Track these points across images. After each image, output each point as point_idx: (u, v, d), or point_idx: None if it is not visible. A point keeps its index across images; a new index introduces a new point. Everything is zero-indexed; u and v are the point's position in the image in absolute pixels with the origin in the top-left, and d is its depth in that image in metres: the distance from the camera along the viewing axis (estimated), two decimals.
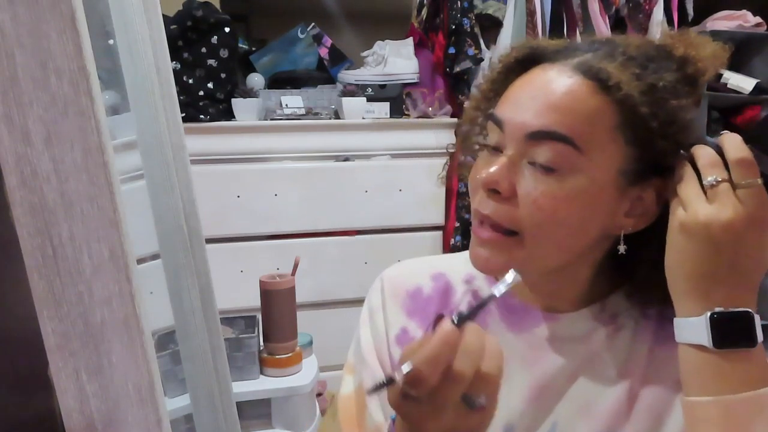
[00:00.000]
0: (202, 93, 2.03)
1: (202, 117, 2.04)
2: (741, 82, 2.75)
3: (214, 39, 2.02)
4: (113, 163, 0.52)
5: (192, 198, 1.21)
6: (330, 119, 2.16)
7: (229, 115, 2.10)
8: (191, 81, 2.02)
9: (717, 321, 0.51)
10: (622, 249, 0.59)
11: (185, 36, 2.00)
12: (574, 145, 0.54)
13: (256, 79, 2.23)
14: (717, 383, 0.52)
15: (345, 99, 2.15)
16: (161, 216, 1.16)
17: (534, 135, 0.56)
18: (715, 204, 0.51)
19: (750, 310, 0.51)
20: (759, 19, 2.76)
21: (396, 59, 2.23)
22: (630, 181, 0.57)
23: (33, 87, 0.48)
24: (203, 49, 2.02)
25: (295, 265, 1.57)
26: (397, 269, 0.77)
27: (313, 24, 2.37)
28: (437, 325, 0.43)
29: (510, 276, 0.46)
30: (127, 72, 1.08)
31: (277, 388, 1.52)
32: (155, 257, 1.24)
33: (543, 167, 0.55)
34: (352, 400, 0.72)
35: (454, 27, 2.28)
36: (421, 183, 2.16)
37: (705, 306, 0.52)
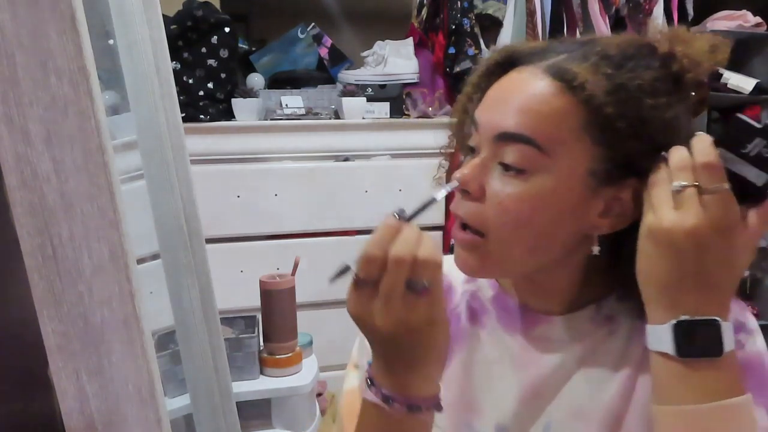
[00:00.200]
0: (202, 93, 2.03)
1: (202, 117, 2.04)
2: (741, 82, 2.74)
3: (214, 39, 2.02)
4: (113, 163, 0.52)
5: (192, 198, 1.21)
6: (330, 119, 2.16)
7: (229, 115, 2.10)
8: (191, 81, 2.02)
9: (681, 329, 0.50)
10: (595, 250, 0.59)
11: (185, 36, 2.00)
12: (538, 147, 0.55)
13: (256, 79, 2.23)
14: (680, 393, 0.51)
15: (345, 99, 2.15)
16: (161, 216, 1.17)
17: (500, 137, 0.57)
18: (681, 210, 0.49)
19: (718, 318, 0.50)
20: (759, 19, 2.76)
21: (396, 59, 2.23)
22: (602, 182, 0.56)
23: (33, 87, 0.48)
24: (203, 49, 2.02)
25: (295, 265, 1.57)
26: None
27: (313, 24, 2.37)
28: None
29: (453, 184, 0.55)
30: (127, 72, 1.08)
31: (277, 388, 1.52)
32: (155, 257, 1.24)
33: (510, 168, 0.56)
34: (355, 394, 0.72)
35: (454, 27, 2.28)
36: (421, 183, 2.16)
37: (671, 314, 0.51)
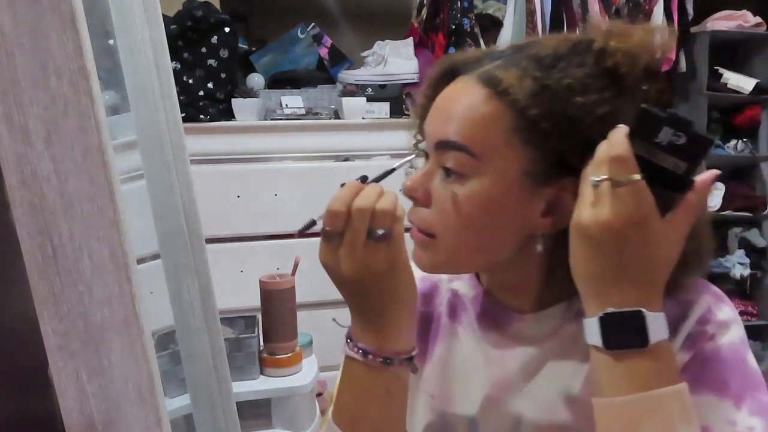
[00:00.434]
0: (202, 93, 2.03)
1: (202, 117, 2.04)
2: (741, 82, 2.75)
3: (214, 39, 2.02)
4: (113, 163, 0.52)
5: (192, 198, 1.21)
6: (330, 119, 2.16)
7: (229, 115, 2.10)
8: (191, 81, 2.02)
9: (607, 322, 0.51)
10: (539, 249, 0.60)
11: (185, 36, 2.00)
12: (470, 153, 0.58)
13: (256, 79, 2.23)
14: (611, 385, 0.52)
15: (345, 99, 2.15)
16: (161, 216, 1.17)
17: (438, 145, 0.60)
18: (597, 204, 0.50)
19: (642, 309, 0.50)
20: (759, 19, 2.76)
21: (396, 59, 2.23)
22: (539, 182, 0.58)
23: (33, 87, 0.48)
24: (203, 49, 2.02)
25: (295, 265, 1.57)
26: None
27: (313, 24, 2.37)
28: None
29: (412, 157, 0.62)
30: (127, 72, 1.08)
31: (277, 388, 1.52)
32: (155, 257, 1.24)
33: (451, 173, 0.59)
34: None
35: (454, 27, 2.28)
36: None
37: (599, 307, 0.52)
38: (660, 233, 0.50)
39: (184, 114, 1.43)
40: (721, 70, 2.79)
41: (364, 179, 0.57)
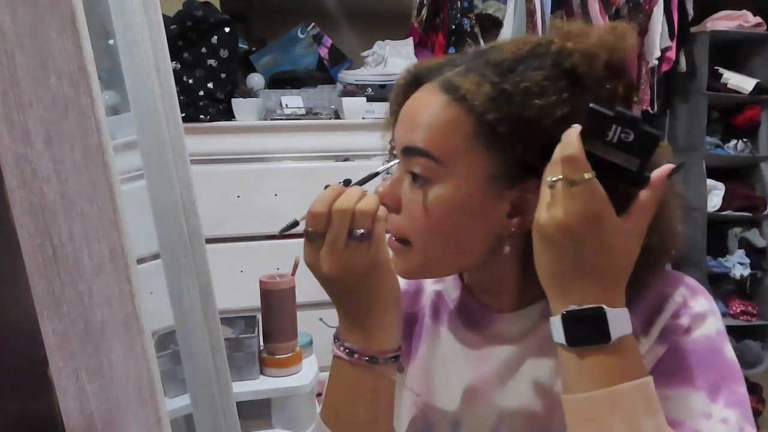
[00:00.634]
0: (202, 93, 2.03)
1: (202, 117, 2.04)
2: (741, 82, 2.75)
3: (214, 39, 2.02)
4: (113, 163, 0.52)
5: (192, 198, 1.21)
6: (330, 119, 2.16)
7: (229, 115, 2.10)
8: (191, 81, 2.02)
9: (569, 319, 0.52)
10: (506, 250, 0.61)
11: (185, 36, 2.00)
12: (432, 158, 0.59)
13: (256, 79, 2.23)
14: (576, 381, 0.52)
15: (345, 99, 2.15)
16: (161, 216, 1.16)
17: (403, 151, 0.62)
18: (553, 204, 0.51)
19: (603, 306, 0.51)
20: (759, 19, 2.76)
21: (396, 59, 2.23)
22: (504, 184, 0.59)
23: (33, 87, 0.48)
24: (203, 49, 2.02)
25: (295, 265, 1.56)
26: None
27: (313, 24, 2.37)
28: None
29: (396, 160, 0.63)
30: (127, 72, 1.08)
31: (277, 388, 1.52)
32: (155, 257, 1.24)
33: (416, 179, 0.60)
34: None
35: (454, 27, 2.28)
36: None
37: (561, 305, 0.52)
38: (616, 229, 0.50)
39: (184, 114, 1.43)
40: (721, 70, 2.79)
41: (347, 182, 0.59)
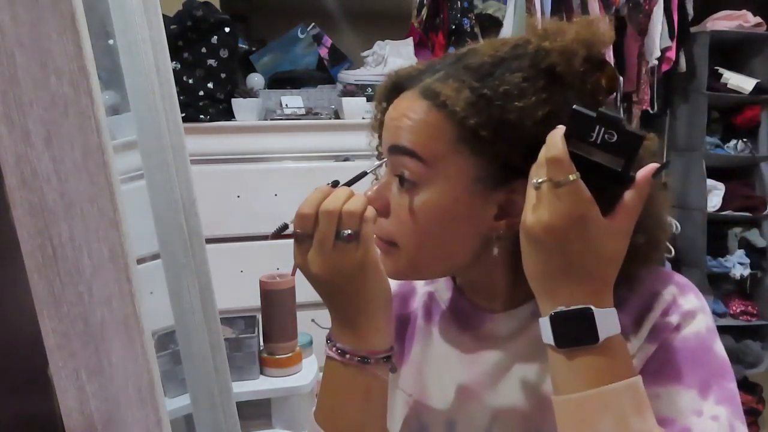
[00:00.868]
0: (202, 93, 2.03)
1: (202, 117, 2.03)
2: (741, 82, 2.75)
3: (214, 39, 2.02)
4: (113, 163, 0.52)
5: (192, 198, 1.21)
6: (330, 119, 2.16)
7: (229, 115, 2.10)
8: (191, 81, 2.02)
9: (557, 320, 0.52)
10: (495, 251, 0.61)
11: (185, 36, 2.00)
12: (420, 159, 0.59)
13: (256, 79, 2.23)
14: (565, 382, 0.52)
15: (345, 99, 2.15)
16: (161, 216, 1.16)
17: (390, 149, 0.62)
18: (538, 206, 0.51)
19: (591, 306, 0.51)
20: (759, 19, 2.76)
21: (396, 59, 2.23)
22: (490, 187, 0.59)
23: (33, 87, 0.48)
24: (203, 49, 2.02)
25: (295, 266, 1.56)
26: None
27: (313, 24, 2.37)
28: None
29: (385, 161, 0.62)
30: (127, 72, 1.08)
31: (277, 388, 1.52)
32: (155, 257, 1.24)
33: (404, 182, 0.60)
34: None
35: (454, 27, 2.28)
36: None
37: (550, 306, 0.53)
38: (602, 230, 0.50)
39: (184, 114, 1.43)
40: (721, 70, 2.79)
41: (335, 184, 0.59)
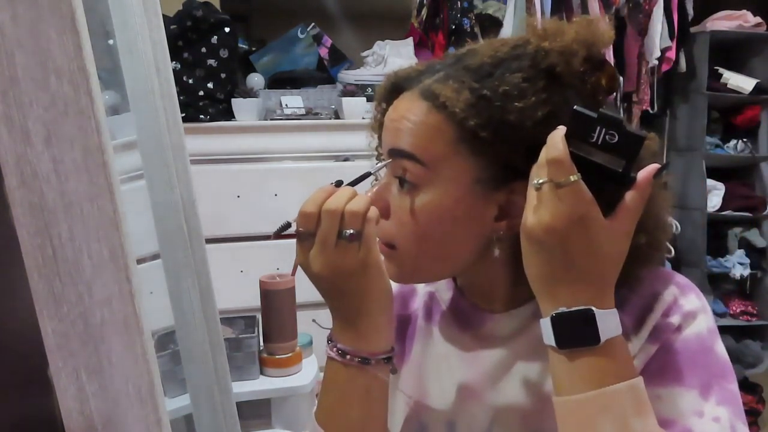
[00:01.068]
0: (202, 93, 2.03)
1: (202, 117, 2.03)
2: (741, 82, 2.75)
3: (214, 39, 2.02)
4: (113, 163, 0.52)
5: (192, 198, 1.21)
6: (330, 119, 2.16)
7: (229, 115, 2.10)
8: (191, 81, 2.02)
9: (559, 321, 0.52)
10: (496, 253, 0.61)
11: (185, 36, 2.00)
12: (419, 161, 0.59)
13: (256, 79, 2.23)
14: (567, 383, 0.52)
15: (345, 99, 2.15)
16: (161, 216, 1.16)
17: (390, 153, 0.62)
18: (539, 207, 0.51)
19: (592, 307, 0.50)
20: (759, 19, 2.76)
21: (396, 59, 2.23)
22: (490, 188, 0.59)
23: (33, 87, 0.48)
24: (203, 49, 2.02)
25: (296, 265, 1.56)
26: None
27: (313, 24, 2.37)
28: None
29: (389, 161, 0.62)
30: (127, 72, 1.08)
31: (277, 388, 1.52)
32: (155, 257, 1.24)
33: (404, 184, 0.60)
34: None
35: (454, 27, 2.28)
36: None
37: (551, 307, 0.52)
38: (603, 231, 0.50)
39: (184, 114, 1.43)
40: (721, 70, 2.79)
41: (338, 183, 0.59)
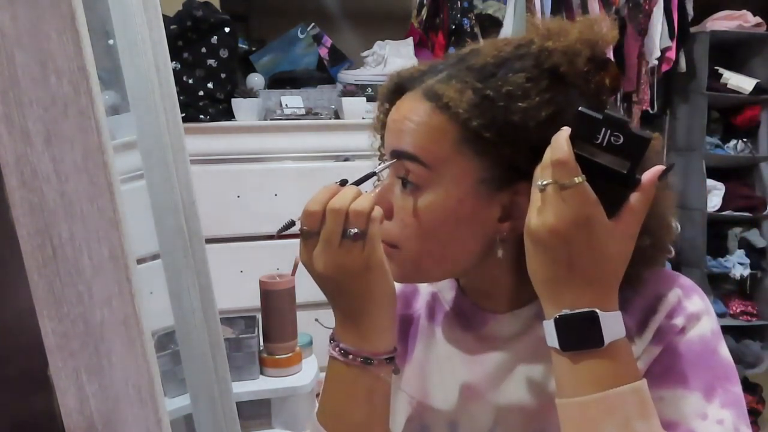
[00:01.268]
0: (202, 93, 2.03)
1: (202, 117, 2.04)
2: (741, 82, 2.75)
3: (214, 39, 2.02)
4: (113, 163, 0.52)
5: (192, 198, 1.21)
6: (330, 119, 2.16)
7: (229, 115, 2.10)
8: (191, 81, 2.02)
9: (562, 324, 0.52)
10: (499, 254, 0.61)
11: (185, 36, 2.00)
12: (421, 163, 0.58)
13: (256, 79, 2.23)
14: (570, 385, 0.52)
15: (345, 99, 2.15)
16: (161, 216, 1.17)
17: (392, 154, 0.61)
18: (544, 208, 0.51)
19: (596, 310, 0.50)
20: (759, 19, 2.76)
21: (396, 59, 2.23)
22: (494, 188, 0.59)
23: (33, 87, 0.48)
24: (203, 49, 2.02)
25: (295, 265, 1.55)
26: None
27: (313, 24, 2.37)
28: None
29: (393, 161, 0.61)
30: (127, 72, 1.08)
31: (277, 388, 1.52)
32: (155, 257, 1.24)
33: (407, 185, 0.60)
34: None
35: (454, 27, 2.28)
36: None
37: (555, 309, 0.52)
38: (607, 232, 0.50)
39: (184, 114, 1.43)
40: (721, 70, 2.79)
41: (343, 182, 0.59)
